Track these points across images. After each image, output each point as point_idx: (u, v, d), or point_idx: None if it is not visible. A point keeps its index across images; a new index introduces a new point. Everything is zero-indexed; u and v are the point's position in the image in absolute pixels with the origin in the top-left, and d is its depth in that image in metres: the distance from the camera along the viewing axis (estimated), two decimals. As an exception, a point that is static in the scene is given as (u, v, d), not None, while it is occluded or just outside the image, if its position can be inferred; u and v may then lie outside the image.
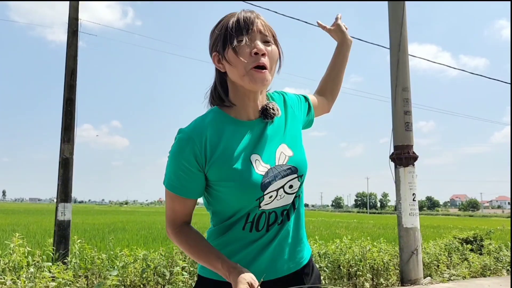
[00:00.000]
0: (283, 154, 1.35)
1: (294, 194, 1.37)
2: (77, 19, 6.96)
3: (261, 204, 1.31)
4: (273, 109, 1.37)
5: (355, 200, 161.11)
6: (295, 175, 1.35)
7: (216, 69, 1.38)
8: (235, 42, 1.26)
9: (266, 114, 1.36)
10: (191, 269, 5.56)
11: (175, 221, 1.37)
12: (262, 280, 1.20)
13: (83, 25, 7.04)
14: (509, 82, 11.49)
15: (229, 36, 1.27)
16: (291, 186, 1.35)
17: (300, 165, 1.37)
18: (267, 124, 1.37)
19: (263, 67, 1.27)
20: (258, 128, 1.36)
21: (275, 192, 1.32)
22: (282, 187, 1.33)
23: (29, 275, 4.77)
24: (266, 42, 1.29)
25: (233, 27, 1.27)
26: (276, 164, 1.33)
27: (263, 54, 1.26)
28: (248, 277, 1.15)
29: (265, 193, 1.29)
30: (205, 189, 1.36)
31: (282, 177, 1.32)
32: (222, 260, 1.24)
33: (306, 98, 1.60)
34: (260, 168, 1.30)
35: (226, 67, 1.31)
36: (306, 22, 9.07)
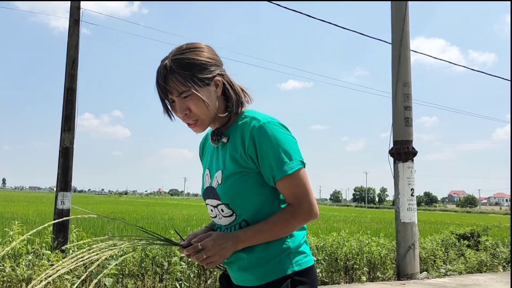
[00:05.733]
0: (216, 179, 1.48)
1: (234, 218, 1.46)
2: (79, 8, 6.93)
3: (208, 212, 1.55)
4: (213, 139, 1.52)
5: (354, 195, 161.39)
6: (220, 202, 1.47)
7: None
8: (164, 108, 1.47)
9: (213, 136, 1.52)
10: (189, 259, 5.60)
11: None
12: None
13: (86, 14, 7.03)
14: (509, 79, 11.48)
15: (160, 100, 1.47)
16: (222, 210, 1.47)
17: (223, 195, 1.45)
18: (221, 145, 1.50)
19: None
20: (217, 146, 1.53)
21: (213, 208, 1.51)
22: (216, 207, 1.49)
23: (28, 263, 4.80)
24: (184, 98, 1.42)
25: (157, 92, 1.45)
26: (213, 185, 1.50)
27: (185, 115, 1.44)
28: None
29: (206, 202, 1.54)
30: None
31: (213, 198, 1.50)
32: None
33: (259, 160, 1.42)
34: (206, 181, 1.55)
35: None
36: (309, 16, 9.05)
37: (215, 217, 1.51)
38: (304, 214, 1.40)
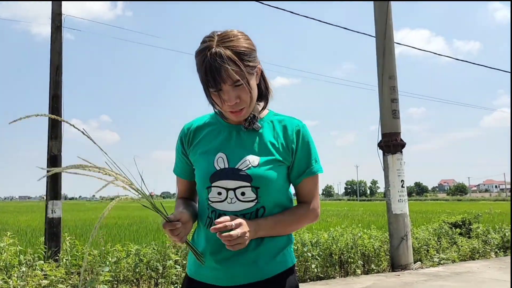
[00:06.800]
0: (248, 161, 1.43)
1: (253, 204, 1.42)
2: (60, 14, 6.86)
3: (210, 197, 1.46)
4: (250, 122, 1.48)
5: (345, 188, 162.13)
6: (248, 184, 1.41)
7: None
8: (209, 96, 1.42)
9: (245, 122, 1.49)
10: (184, 262, 5.59)
11: (177, 196, 1.67)
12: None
13: (69, 19, 6.92)
14: (510, 71, 11.63)
15: (203, 88, 1.41)
16: (243, 193, 1.42)
17: (257, 177, 1.41)
18: (248, 131, 1.48)
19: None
20: (236, 131, 1.50)
21: (224, 191, 1.43)
22: (234, 190, 1.42)
23: (21, 274, 4.75)
24: (236, 86, 1.37)
25: (204, 81, 1.38)
26: (236, 167, 1.43)
27: (235, 103, 1.39)
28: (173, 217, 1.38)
29: (212, 184, 1.44)
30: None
31: (234, 179, 1.42)
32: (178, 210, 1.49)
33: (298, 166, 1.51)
34: (220, 163, 1.45)
35: None
36: (292, 12, 9.06)
37: (223, 201, 1.43)
38: (314, 214, 1.53)
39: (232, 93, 1.37)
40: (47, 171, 1.29)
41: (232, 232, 1.28)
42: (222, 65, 1.32)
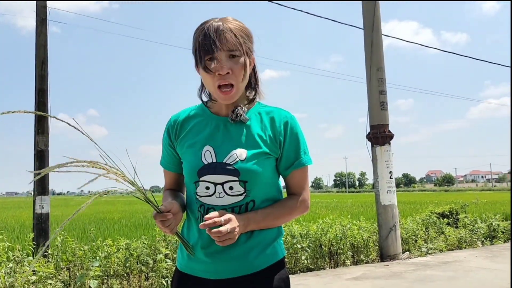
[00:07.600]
0: (235, 155, 1.42)
1: (241, 198, 1.42)
2: (45, 7, 6.75)
3: (197, 191, 1.45)
4: (237, 113, 1.46)
5: (334, 180, 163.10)
6: (236, 178, 1.40)
7: None
8: (203, 62, 1.38)
9: (232, 114, 1.47)
10: (174, 256, 5.58)
11: (165, 188, 1.65)
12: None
13: (54, 12, 6.84)
14: (486, 59, 11.74)
15: (198, 54, 1.39)
16: (231, 188, 1.41)
17: (245, 171, 1.40)
18: (235, 124, 1.47)
19: (227, 86, 1.40)
20: (224, 123, 1.49)
21: (212, 185, 1.42)
22: (222, 184, 1.41)
23: (9, 270, 4.70)
24: (233, 57, 1.38)
25: (200, 45, 1.37)
26: (223, 161, 1.42)
27: (227, 73, 1.38)
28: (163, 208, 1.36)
29: (200, 179, 1.43)
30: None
31: (221, 174, 1.41)
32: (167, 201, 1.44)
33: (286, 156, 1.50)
34: (207, 157, 1.44)
35: (201, 77, 1.47)
36: (280, 4, 9.03)
37: (211, 195, 1.42)
38: (304, 205, 1.53)
39: (226, 62, 1.37)
40: (35, 174, 1.26)
41: (221, 228, 1.28)
42: (222, 31, 1.36)
